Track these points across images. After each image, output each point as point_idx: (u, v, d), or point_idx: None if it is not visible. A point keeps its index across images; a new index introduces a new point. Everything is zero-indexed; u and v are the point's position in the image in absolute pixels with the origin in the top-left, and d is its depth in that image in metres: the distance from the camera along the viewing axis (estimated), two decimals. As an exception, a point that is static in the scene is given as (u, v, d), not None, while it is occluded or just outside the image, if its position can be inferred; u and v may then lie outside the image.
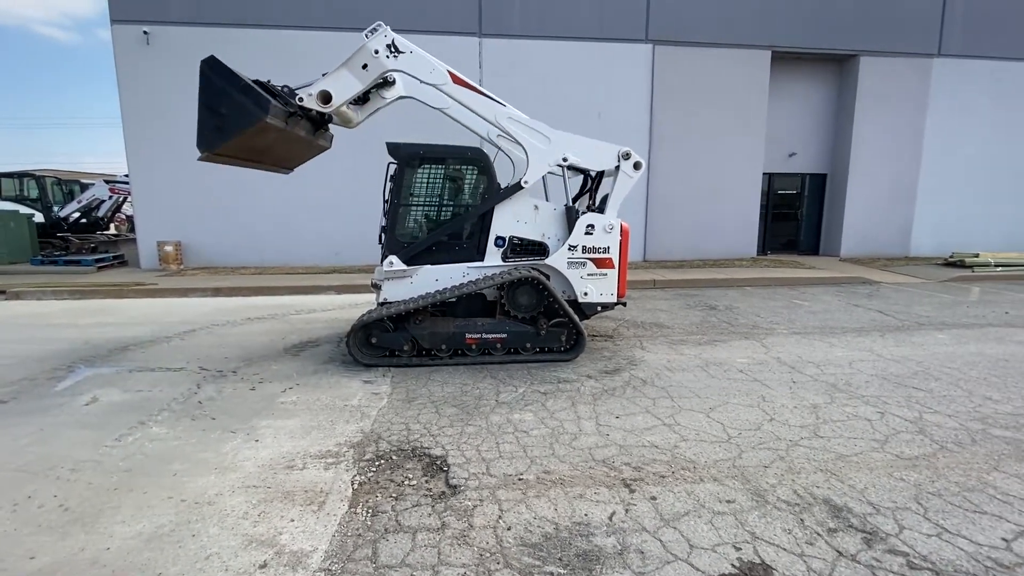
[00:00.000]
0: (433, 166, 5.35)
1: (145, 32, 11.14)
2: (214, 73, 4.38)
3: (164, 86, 11.34)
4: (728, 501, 2.79)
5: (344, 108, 5.12)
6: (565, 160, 5.29)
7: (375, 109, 5.52)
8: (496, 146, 5.44)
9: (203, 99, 4.39)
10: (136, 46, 11.19)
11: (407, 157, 5.23)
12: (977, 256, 12.16)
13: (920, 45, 13.47)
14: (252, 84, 4.42)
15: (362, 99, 5.33)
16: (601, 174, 5.76)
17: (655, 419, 3.86)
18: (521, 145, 5.28)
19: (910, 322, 7.13)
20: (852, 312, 7.80)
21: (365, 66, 4.88)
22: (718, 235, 13.42)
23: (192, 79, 4.53)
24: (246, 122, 4.38)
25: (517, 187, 5.26)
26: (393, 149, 5.23)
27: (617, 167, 5.37)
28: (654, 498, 2.82)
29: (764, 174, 13.78)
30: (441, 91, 5.12)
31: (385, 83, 5.30)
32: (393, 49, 4.87)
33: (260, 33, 11.48)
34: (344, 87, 4.92)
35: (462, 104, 5.19)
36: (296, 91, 4.88)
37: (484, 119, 5.26)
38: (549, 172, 5.55)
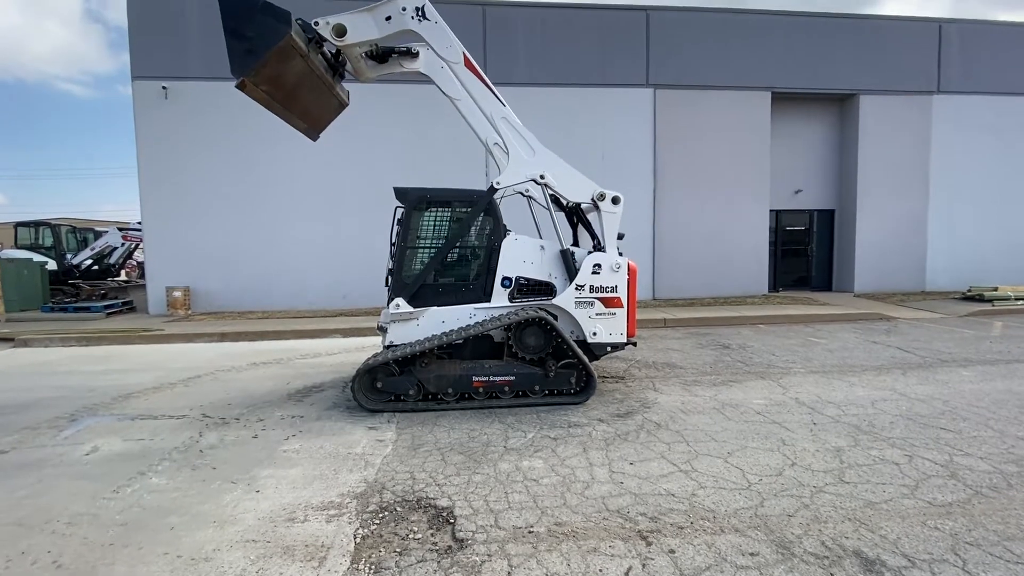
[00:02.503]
0: (440, 209, 5.45)
1: (164, 87, 11.73)
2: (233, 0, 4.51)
3: (180, 138, 11.85)
4: (751, 554, 2.66)
5: (356, 53, 5.25)
6: (542, 178, 5.41)
7: (389, 72, 5.62)
8: (491, 153, 5.54)
9: (227, 25, 4.48)
10: (155, 100, 11.76)
11: (414, 201, 5.34)
12: (996, 289, 12.01)
13: (919, 83, 13.81)
14: (270, 3, 4.54)
15: (380, 58, 5.45)
16: (579, 207, 5.85)
17: (671, 465, 3.74)
18: (507, 150, 5.41)
19: (932, 359, 6.97)
20: (871, 349, 7.65)
21: (389, 18, 5.07)
22: (728, 272, 13.41)
23: (206, 130, 4.71)
24: (272, 39, 4.47)
25: (491, 190, 5.37)
26: (401, 194, 5.36)
27: (596, 206, 5.45)
28: (672, 551, 2.70)
29: (771, 211, 13.89)
30: (453, 71, 5.29)
31: (408, 53, 5.44)
32: (420, 13, 5.07)
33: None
34: (361, 29, 5.07)
35: (469, 94, 5.34)
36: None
37: (483, 113, 5.39)
38: (527, 193, 5.63)
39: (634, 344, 5.57)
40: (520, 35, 12.61)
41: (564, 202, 5.81)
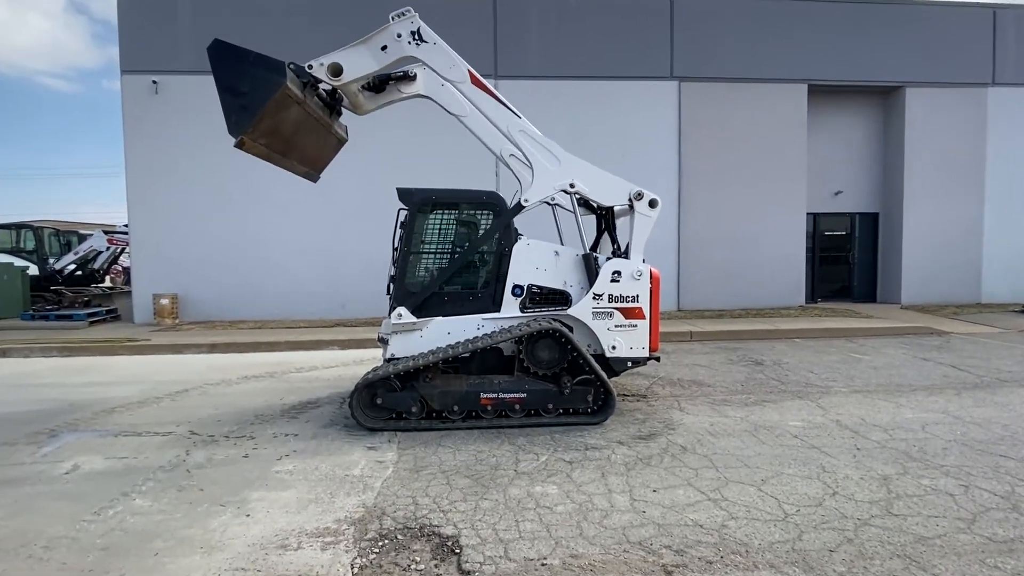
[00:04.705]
0: (446, 211, 5.49)
1: (154, 81, 12.00)
2: (224, 55, 4.67)
3: (170, 135, 12.09)
4: (789, 593, 2.61)
5: (354, 88, 5.34)
6: (572, 186, 5.40)
7: (389, 101, 5.71)
8: (507, 165, 5.57)
9: (221, 83, 4.65)
10: (145, 95, 12.04)
11: (419, 202, 5.38)
12: (1061, 302, 11.75)
13: (971, 75, 13.67)
14: (263, 55, 4.67)
15: (377, 88, 5.55)
16: (611, 211, 5.83)
17: (698, 493, 3.70)
18: (530, 163, 5.40)
19: (990, 378, 6.84)
20: (921, 367, 7.52)
21: (385, 47, 5.15)
22: (760, 281, 13.29)
23: (198, 127, 4.80)
24: (268, 92, 4.61)
25: (518, 207, 5.35)
26: (405, 195, 5.40)
27: (632, 207, 5.43)
28: (700, 588, 2.66)
29: (808, 214, 13.79)
30: (459, 90, 5.34)
31: (405, 77, 5.53)
32: (417, 36, 5.14)
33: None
34: (357, 64, 5.17)
35: (478, 109, 5.38)
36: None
37: (498, 129, 5.42)
38: (553, 202, 5.64)
39: (657, 359, 5.53)
40: (533, 26, 12.73)
41: (595, 204, 5.81)
